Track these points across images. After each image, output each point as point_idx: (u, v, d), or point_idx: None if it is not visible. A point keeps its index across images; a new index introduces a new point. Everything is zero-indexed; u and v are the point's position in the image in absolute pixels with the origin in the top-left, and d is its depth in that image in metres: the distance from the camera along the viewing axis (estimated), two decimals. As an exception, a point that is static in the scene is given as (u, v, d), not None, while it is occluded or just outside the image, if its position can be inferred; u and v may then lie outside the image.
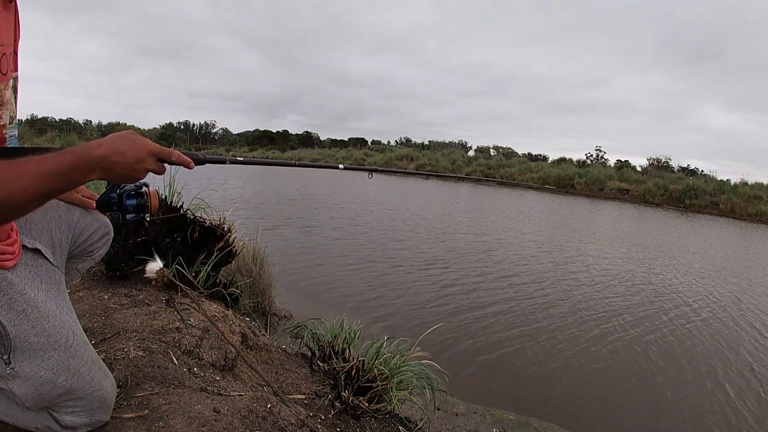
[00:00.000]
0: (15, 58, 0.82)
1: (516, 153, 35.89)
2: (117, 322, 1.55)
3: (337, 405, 1.65)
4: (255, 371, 1.52)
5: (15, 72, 0.82)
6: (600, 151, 29.22)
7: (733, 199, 17.50)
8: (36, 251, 0.90)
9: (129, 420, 1.04)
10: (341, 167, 1.18)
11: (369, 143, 46.64)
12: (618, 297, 4.92)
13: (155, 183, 1.07)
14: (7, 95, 0.77)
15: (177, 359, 1.40)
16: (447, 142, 47.95)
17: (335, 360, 1.85)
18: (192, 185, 3.24)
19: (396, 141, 54.94)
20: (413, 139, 54.31)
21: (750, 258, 8.57)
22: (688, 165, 27.97)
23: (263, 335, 2.34)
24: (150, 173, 0.77)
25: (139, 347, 1.37)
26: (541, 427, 2.42)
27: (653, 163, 26.02)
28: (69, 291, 1.49)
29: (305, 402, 1.66)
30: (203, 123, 73.09)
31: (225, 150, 48.17)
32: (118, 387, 1.10)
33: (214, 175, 13.70)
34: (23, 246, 0.87)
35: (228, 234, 2.41)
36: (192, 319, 1.69)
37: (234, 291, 2.41)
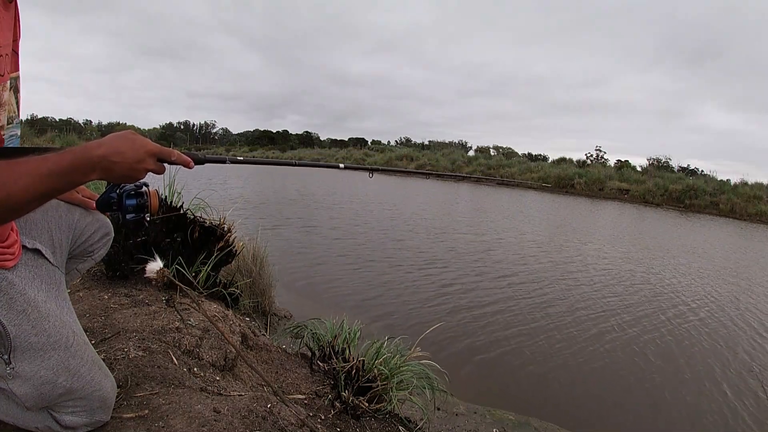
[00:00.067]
0: (16, 58, 0.82)
1: (516, 153, 35.91)
2: (117, 322, 1.55)
3: (337, 405, 1.65)
4: (255, 371, 1.52)
5: (16, 72, 0.82)
6: (600, 151, 29.26)
7: (733, 199, 17.50)
8: (36, 251, 0.90)
9: (129, 420, 1.04)
10: (342, 166, 1.18)
11: (369, 143, 46.65)
12: (617, 297, 4.92)
13: (155, 183, 1.07)
14: (5, 96, 0.76)
15: (177, 359, 1.40)
16: (447, 142, 48.00)
17: (335, 360, 1.85)
18: (192, 185, 3.24)
19: (396, 141, 54.99)
20: (413, 139, 54.38)
21: (749, 258, 8.57)
22: (688, 165, 28.03)
23: (263, 335, 2.34)
24: (150, 173, 0.77)
25: (139, 347, 1.37)
26: (541, 427, 2.42)
27: (653, 163, 26.03)
28: (69, 291, 1.49)
29: (305, 402, 1.66)
30: (203, 123, 73.19)
31: (225, 150, 48.17)
32: (118, 387, 1.10)
33: (214, 175, 13.70)
34: (23, 246, 0.87)
35: (228, 234, 2.41)
36: (192, 319, 1.69)
37: (234, 291, 2.41)
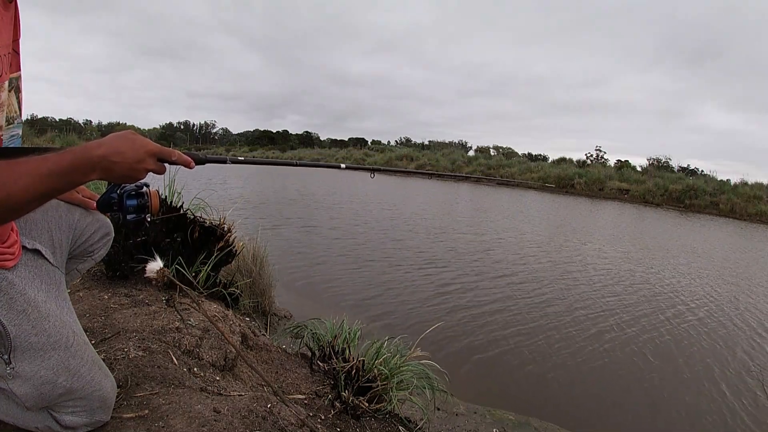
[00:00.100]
0: (17, 58, 0.82)
1: (516, 153, 35.92)
2: (117, 322, 1.55)
3: (337, 405, 1.65)
4: (255, 371, 1.52)
5: (17, 72, 0.82)
6: (600, 151, 29.25)
7: (733, 199, 17.50)
8: (36, 252, 0.90)
9: (129, 420, 1.04)
10: (343, 166, 1.18)
11: (369, 143, 46.66)
12: (615, 296, 4.92)
13: (155, 183, 1.07)
14: (2, 96, 0.76)
15: (177, 359, 1.40)
16: (447, 142, 48.01)
17: (335, 360, 1.85)
18: (192, 185, 3.24)
19: (396, 141, 55.00)
20: (413, 139, 54.39)
21: (749, 258, 8.57)
22: (688, 165, 28.01)
23: (263, 335, 2.34)
24: (151, 173, 0.77)
25: (139, 347, 1.37)
26: (541, 427, 2.42)
27: (653, 163, 26.03)
28: (69, 291, 1.49)
29: (305, 402, 1.66)
30: (203, 123, 73.18)
31: (225, 150, 48.16)
32: (118, 387, 1.10)
33: (213, 175, 13.70)
34: (23, 246, 0.87)
35: (228, 234, 2.41)
36: (192, 319, 1.69)
37: (234, 291, 2.41)
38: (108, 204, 0.91)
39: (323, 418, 1.57)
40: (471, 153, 34.28)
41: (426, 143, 48.39)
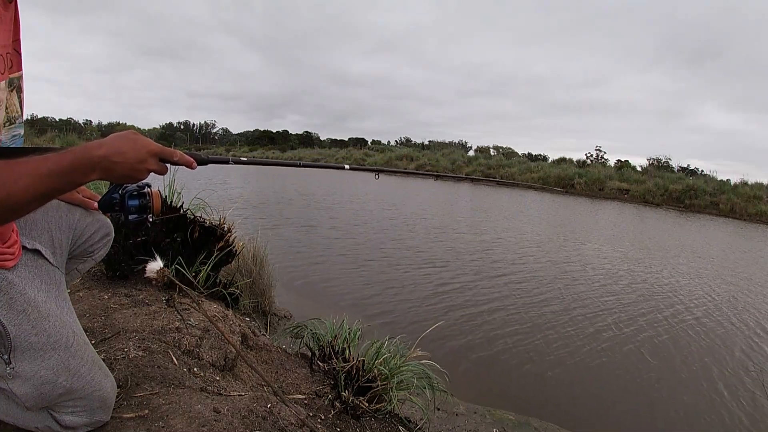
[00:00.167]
0: (18, 58, 0.82)
1: (516, 153, 35.91)
2: (117, 322, 1.55)
3: (337, 405, 1.65)
4: (255, 371, 1.52)
5: (19, 72, 0.82)
6: (600, 151, 29.23)
7: (733, 199, 17.49)
8: (36, 252, 0.90)
9: (129, 420, 1.04)
10: (347, 167, 1.16)
11: (369, 143, 46.64)
12: (614, 296, 4.92)
13: (155, 183, 1.07)
14: (2, 96, 0.76)
15: (177, 359, 1.40)
16: (447, 142, 48.00)
17: (335, 360, 1.85)
18: (192, 185, 3.23)
19: (396, 141, 55.00)
20: (413, 139, 54.40)
21: (749, 258, 8.57)
22: (688, 165, 27.97)
23: (263, 335, 2.34)
24: (152, 173, 0.77)
25: (139, 347, 1.37)
26: (541, 427, 2.42)
27: (653, 163, 26.01)
28: (69, 291, 1.49)
29: (305, 402, 1.66)
30: (203, 123, 73.15)
31: (225, 150, 48.12)
32: (118, 387, 1.10)
33: (213, 175, 13.69)
34: (23, 246, 0.87)
35: (228, 234, 2.41)
36: (192, 319, 1.69)
37: (234, 291, 2.41)
38: (110, 204, 0.91)
39: (323, 418, 1.57)
40: (471, 153, 34.27)
41: (426, 143, 48.41)
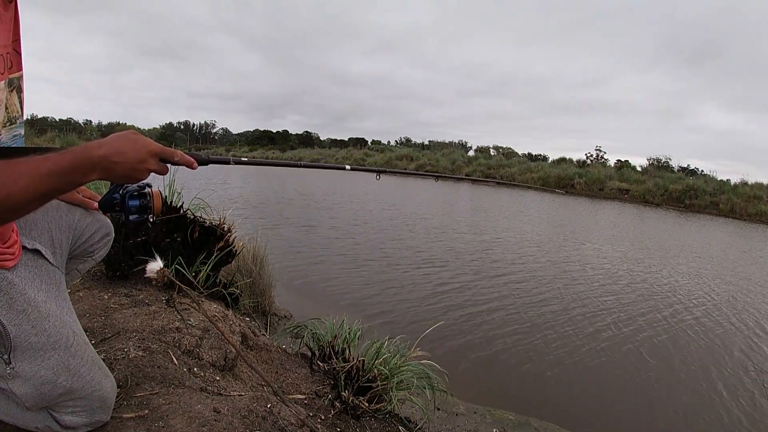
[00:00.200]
0: (18, 58, 0.82)
1: (516, 153, 35.93)
2: (117, 322, 1.55)
3: (337, 405, 1.65)
4: (255, 371, 1.52)
5: (19, 72, 0.82)
6: (600, 151, 29.24)
7: (733, 199, 17.49)
8: (36, 252, 0.90)
9: (129, 420, 1.04)
10: (348, 168, 1.16)
11: (369, 143, 46.64)
12: (613, 296, 4.92)
13: (155, 183, 1.07)
14: (1, 96, 0.76)
15: (177, 359, 1.40)
16: (447, 142, 48.02)
17: (335, 360, 1.85)
18: (192, 185, 3.24)
19: (396, 141, 55.00)
20: (413, 139, 54.40)
21: (748, 258, 8.57)
22: (688, 165, 27.97)
23: (263, 335, 2.34)
24: (152, 173, 0.77)
25: (139, 347, 1.37)
26: (541, 427, 2.42)
27: (653, 163, 26.01)
28: (69, 291, 1.49)
29: (305, 402, 1.66)
30: (203, 123, 73.13)
31: (225, 150, 48.12)
32: (118, 387, 1.10)
33: (213, 175, 13.69)
34: (23, 246, 0.87)
35: (228, 234, 2.41)
36: (192, 319, 1.69)
37: (234, 291, 2.41)
38: (110, 204, 0.91)
39: (323, 418, 1.57)
40: (471, 153, 34.28)
41: (426, 143, 48.42)
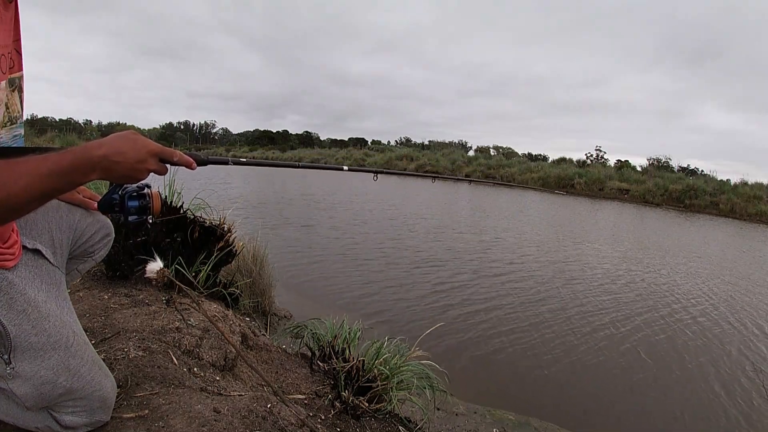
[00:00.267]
0: (19, 58, 0.82)
1: (516, 153, 35.94)
2: (117, 322, 1.55)
3: (337, 405, 1.65)
4: (255, 371, 1.52)
5: (20, 72, 0.82)
6: (600, 151, 29.24)
7: (733, 199, 17.48)
8: (36, 252, 0.90)
9: (129, 420, 1.04)
10: (345, 168, 1.16)
11: (369, 143, 46.65)
12: (612, 295, 4.92)
13: (155, 183, 1.07)
14: (1, 95, 0.76)
15: (177, 359, 1.40)
16: (447, 142, 48.03)
17: (335, 360, 1.85)
18: (192, 185, 3.24)
19: (396, 141, 55.01)
20: (413, 139, 54.41)
21: (748, 258, 8.57)
22: (688, 165, 27.94)
23: (263, 335, 2.34)
24: (152, 173, 0.77)
25: (139, 347, 1.37)
26: (541, 427, 2.42)
27: (653, 163, 26.00)
28: (69, 291, 1.49)
29: (305, 402, 1.66)
30: (203, 123, 73.11)
31: (225, 150, 48.11)
32: (118, 387, 1.10)
33: (213, 175, 13.70)
34: (23, 246, 0.87)
35: (228, 234, 2.41)
36: (192, 319, 1.69)
37: (234, 291, 2.41)
38: (110, 205, 0.91)
39: (323, 418, 1.57)
40: (471, 153, 34.28)
41: (426, 143, 48.43)
